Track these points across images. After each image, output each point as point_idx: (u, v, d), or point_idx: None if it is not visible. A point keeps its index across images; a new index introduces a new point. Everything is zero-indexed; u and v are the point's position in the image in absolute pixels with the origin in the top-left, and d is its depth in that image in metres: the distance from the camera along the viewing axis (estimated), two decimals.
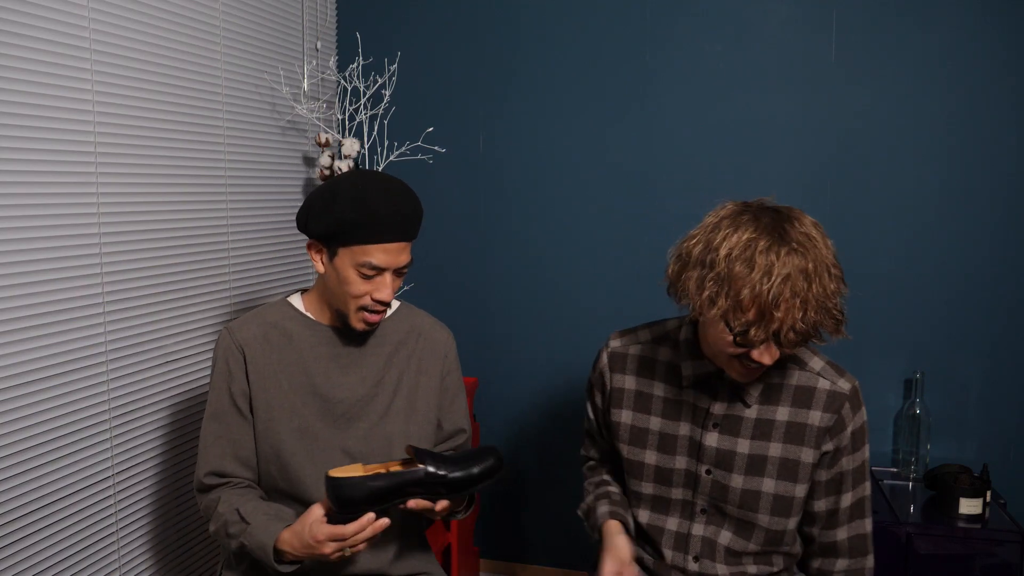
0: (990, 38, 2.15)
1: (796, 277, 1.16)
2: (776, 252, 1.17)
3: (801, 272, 1.16)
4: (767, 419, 1.36)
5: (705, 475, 1.39)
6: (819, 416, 1.34)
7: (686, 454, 1.40)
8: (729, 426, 1.37)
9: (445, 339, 1.57)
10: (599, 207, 2.46)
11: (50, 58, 1.54)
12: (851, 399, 1.35)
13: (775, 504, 1.36)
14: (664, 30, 2.36)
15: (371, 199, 1.34)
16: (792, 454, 1.35)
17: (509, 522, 2.65)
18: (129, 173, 1.75)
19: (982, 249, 2.20)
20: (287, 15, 2.36)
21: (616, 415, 1.47)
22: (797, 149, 2.30)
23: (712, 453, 1.38)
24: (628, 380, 1.46)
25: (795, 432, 1.35)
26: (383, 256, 1.35)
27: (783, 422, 1.35)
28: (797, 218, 1.23)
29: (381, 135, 2.55)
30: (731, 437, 1.37)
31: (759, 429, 1.36)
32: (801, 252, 1.18)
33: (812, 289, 1.17)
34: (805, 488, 1.36)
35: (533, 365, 2.56)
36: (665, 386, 1.43)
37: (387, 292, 1.38)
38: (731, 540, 1.39)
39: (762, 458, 1.36)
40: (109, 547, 1.75)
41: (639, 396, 1.45)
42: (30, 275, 1.52)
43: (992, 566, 1.90)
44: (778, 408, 1.36)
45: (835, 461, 1.36)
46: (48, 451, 1.57)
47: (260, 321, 1.48)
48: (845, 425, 1.35)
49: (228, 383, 1.44)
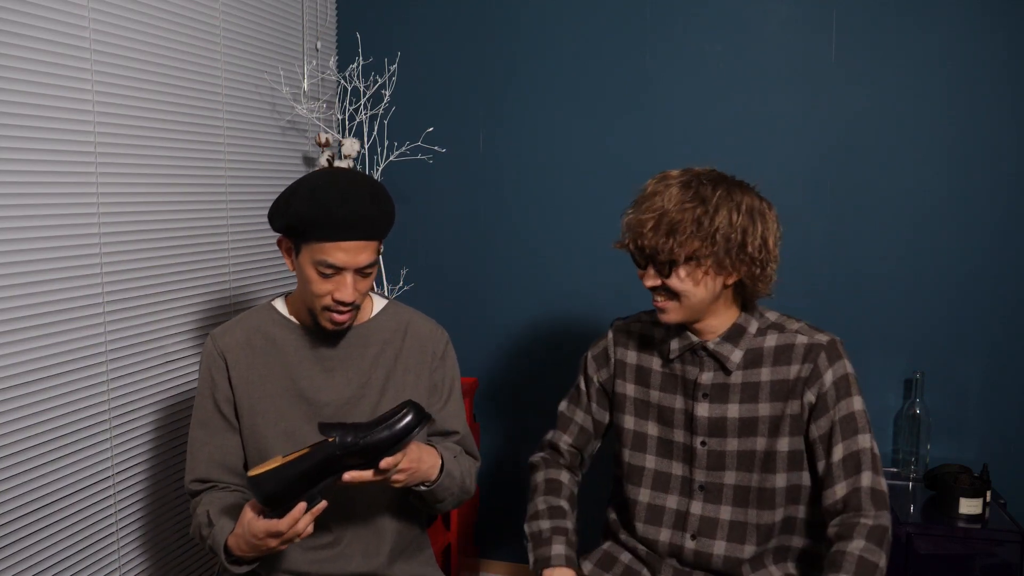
0: (990, 38, 2.15)
1: (658, 199, 1.32)
2: (675, 184, 1.33)
3: (664, 197, 1.32)
4: (752, 382, 1.40)
5: (700, 447, 1.42)
6: (797, 368, 1.38)
7: (683, 427, 1.44)
8: (717, 394, 1.42)
9: (433, 336, 1.53)
10: (599, 207, 2.46)
11: (50, 58, 1.54)
12: (827, 349, 1.38)
13: (766, 460, 1.39)
14: (664, 30, 2.36)
15: (326, 197, 1.31)
16: (779, 411, 1.38)
17: (509, 522, 2.65)
18: (129, 173, 1.75)
19: (982, 249, 2.20)
20: (287, 15, 2.36)
21: (621, 387, 1.52)
22: (797, 149, 2.30)
23: (704, 423, 1.42)
24: (630, 355, 1.52)
25: (779, 388, 1.39)
26: (340, 255, 1.32)
27: (767, 382, 1.40)
28: (735, 185, 1.35)
29: (381, 135, 2.55)
30: (720, 404, 1.41)
31: (746, 392, 1.40)
32: (684, 189, 1.32)
33: (665, 207, 1.31)
34: (788, 441, 1.38)
35: (533, 365, 2.56)
36: (659, 360, 1.49)
37: (348, 292, 1.35)
38: (732, 513, 1.41)
39: (752, 419, 1.40)
40: (109, 547, 1.75)
41: (639, 370, 1.51)
42: (30, 275, 1.52)
43: (992, 566, 1.90)
44: (761, 370, 1.40)
45: (821, 414, 1.37)
46: (48, 451, 1.57)
47: (243, 327, 1.48)
48: (821, 373, 1.37)
49: (212, 391, 1.44)
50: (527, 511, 1.52)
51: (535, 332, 2.55)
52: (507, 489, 2.63)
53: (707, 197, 1.31)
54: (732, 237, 1.30)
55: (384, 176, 2.56)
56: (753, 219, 1.32)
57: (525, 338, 2.56)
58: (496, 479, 2.63)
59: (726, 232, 1.30)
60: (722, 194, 1.31)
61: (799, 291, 2.29)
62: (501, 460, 2.62)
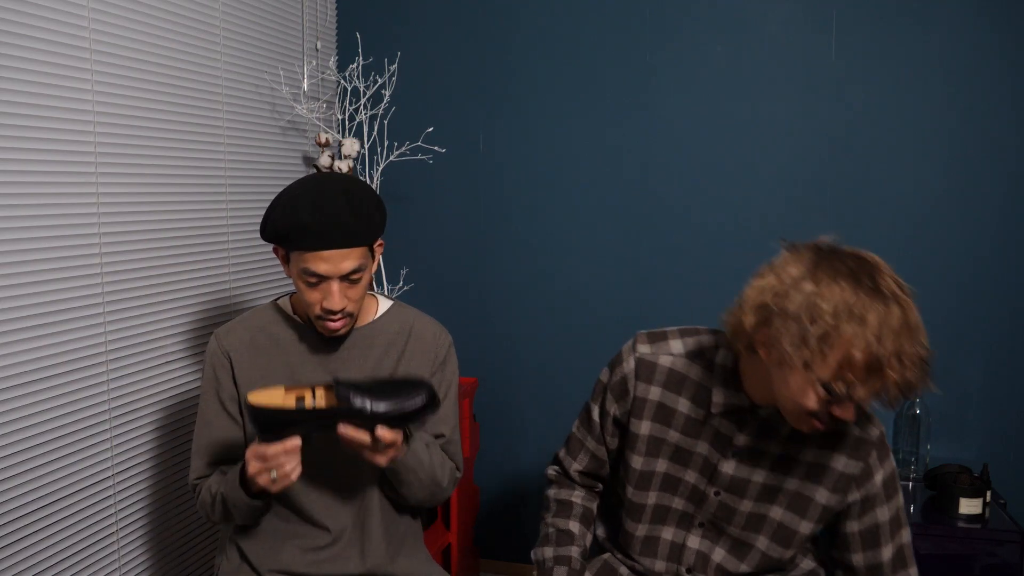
0: (990, 38, 2.15)
1: (903, 332, 1.09)
2: (882, 306, 1.10)
3: (905, 326, 1.10)
4: (791, 456, 1.31)
5: (713, 496, 1.35)
6: (844, 461, 1.30)
7: (698, 471, 1.35)
8: (750, 457, 1.32)
9: (436, 337, 1.52)
10: (599, 206, 2.46)
11: (50, 58, 1.54)
12: (879, 447, 1.30)
13: (777, 532, 1.33)
14: (664, 30, 2.36)
15: (301, 207, 1.31)
16: (807, 491, 1.31)
17: (509, 522, 2.65)
18: (129, 173, 1.75)
19: (982, 249, 2.20)
20: (287, 15, 2.36)
21: (636, 426, 1.38)
22: (797, 148, 2.30)
23: (726, 480, 1.33)
24: (653, 391, 1.37)
25: (816, 472, 1.31)
26: (321, 264, 1.32)
27: (806, 461, 1.31)
28: (882, 266, 1.18)
29: (381, 135, 2.55)
30: (749, 467, 1.32)
31: (780, 464, 1.32)
32: (901, 304, 1.12)
33: (915, 346, 1.10)
34: (811, 527, 1.33)
35: (533, 365, 2.56)
36: (691, 405, 1.35)
37: (335, 300, 1.34)
38: (724, 558, 1.37)
39: (776, 488, 1.32)
40: (109, 547, 1.75)
41: (661, 408, 1.36)
42: (30, 275, 1.52)
43: (992, 566, 1.90)
44: (804, 448, 1.31)
45: (866, 511, 1.31)
46: (48, 451, 1.57)
47: (247, 326, 1.48)
48: (872, 473, 1.30)
49: (216, 390, 1.45)
50: (540, 531, 1.47)
51: (535, 332, 2.55)
52: (507, 489, 2.63)
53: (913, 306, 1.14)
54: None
55: (384, 176, 2.56)
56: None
57: (525, 338, 2.56)
58: (496, 479, 2.63)
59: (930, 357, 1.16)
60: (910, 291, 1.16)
61: None
62: (501, 460, 2.62)
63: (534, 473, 2.61)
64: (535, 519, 2.63)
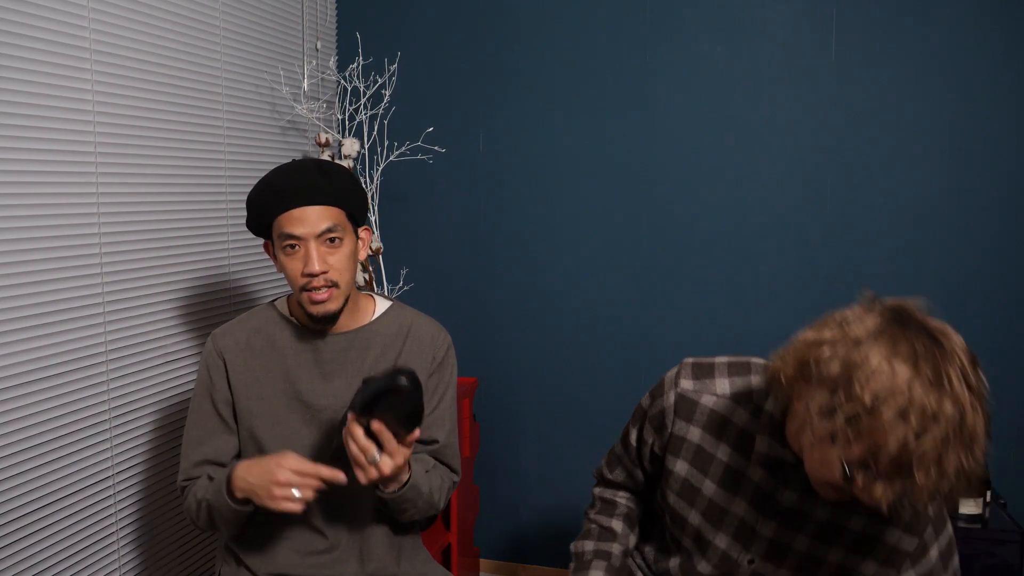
0: (990, 38, 2.15)
1: (952, 439, 0.94)
2: (936, 403, 0.94)
3: (956, 432, 0.94)
4: (838, 524, 1.17)
5: (747, 564, 1.22)
6: (898, 536, 1.16)
7: (731, 535, 1.22)
8: (792, 520, 1.18)
9: (435, 338, 1.50)
10: (599, 207, 2.46)
11: (50, 58, 1.54)
12: (935, 521, 1.17)
13: None
14: (664, 30, 2.36)
15: (271, 176, 1.38)
16: (853, 564, 1.17)
17: (509, 522, 2.65)
18: (129, 173, 1.75)
19: (982, 249, 2.20)
20: (287, 15, 2.36)
21: (671, 463, 1.27)
22: (797, 149, 2.30)
23: (764, 544, 1.20)
24: (693, 432, 1.24)
25: (865, 543, 1.17)
26: (295, 225, 1.35)
27: (855, 531, 1.17)
28: (949, 352, 0.99)
29: (381, 135, 2.55)
30: (791, 532, 1.19)
31: (825, 532, 1.18)
32: (960, 406, 0.95)
33: (963, 458, 0.95)
34: None
35: (533, 365, 2.56)
36: (732, 452, 1.21)
37: (313, 263, 1.34)
38: None
39: (818, 561, 1.19)
40: (109, 547, 1.75)
41: (700, 452, 1.24)
42: (30, 275, 1.52)
43: (992, 566, 1.90)
44: (852, 515, 1.16)
45: None
46: (48, 451, 1.57)
47: (244, 327, 1.48)
48: (928, 548, 1.16)
49: (210, 391, 1.44)
50: (580, 526, 1.41)
51: (535, 332, 2.55)
52: (507, 489, 2.63)
53: (982, 405, 1.00)
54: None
55: (384, 176, 2.56)
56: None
57: (525, 338, 2.56)
58: (496, 479, 2.63)
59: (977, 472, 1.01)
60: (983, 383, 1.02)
61: (799, 291, 2.29)
62: (501, 460, 2.62)
63: (534, 473, 2.61)
64: (535, 519, 2.63)
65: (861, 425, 0.95)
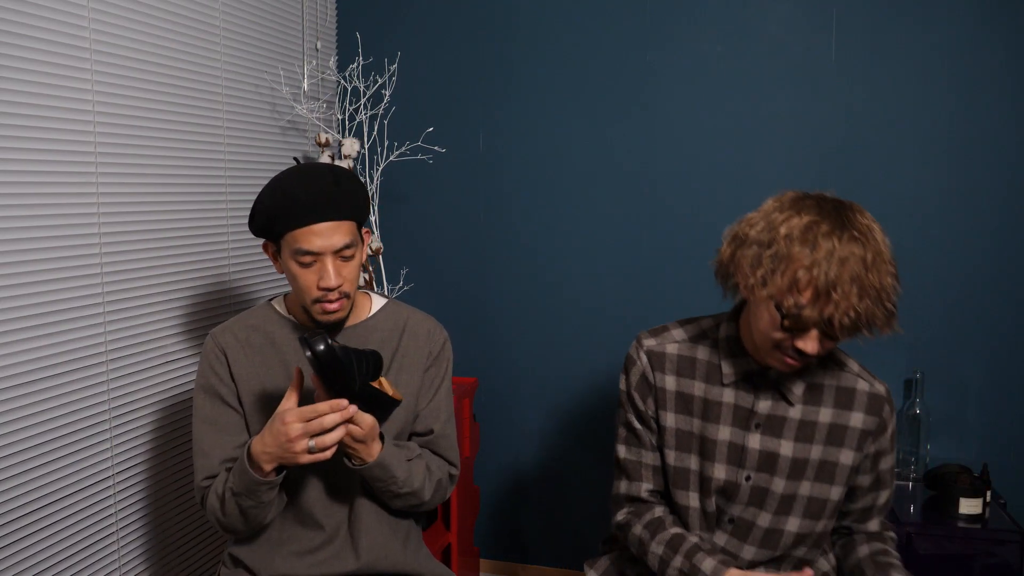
0: (990, 38, 2.15)
1: (855, 263, 1.15)
2: (838, 237, 1.17)
3: (860, 260, 1.16)
4: (810, 420, 1.34)
5: (745, 482, 1.35)
6: (861, 418, 1.34)
7: (725, 460, 1.35)
8: (772, 427, 1.34)
9: (431, 335, 1.51)
10: (599, 206, 2.46)
11: (50, 58, 1.54)
12: (888, 401, 1.37)
13: (808, 506, 1.35)
14: (664, 30, 2.36)
15: (286, 185, 1.34)
16: (831, 456, 1.34)
17: (509, 522, 2.65)
18: (129, 173, 1.75)
19: (982, 248, 2.20)
20: (287, 15, 2.36)
21: (663, 418, 1.39)
22: (797, 149, 2.30)
23: (755, 457, 1.34)
24: (668, 380, 1.39)
25: (836, 434, 1.34)
26: (313, 240, 1.33)
27: (825, 424, 1.34)
28: (859, 210, 1.24)
29: (381, 135, 2.55)
30: (774, 439, 1.34)
31: (802, 431, 1.34)
32: (862, 241, 1.17)
33: (869, 278, 1.15)
34: (840, 491, 1.36)
35: (533, 365, 2.56)
36: (705, 386, 1.37)
37: (330, 277, 1.34)
38: (755, 553, 1.36)
39: (803, 461, 1.34)
40: (109, 547, 1.75)
41: (679, 397, 1.39)
42: (30, 275, 1.52)
43: (992, 566, 1.90)
44: (821, 409, 1.34)
45: (875, 464, 1.37)
46: (48, 451, 1.57)
47: (242, 325, 1.48)
48: (886, 427, 1.36)
49: (214, 385, 1.44)
50: (652, 565, 1.36)
51: (535, 332, 2.55)
52: (507, 489, 2.63)
53: (882, 250, 1.20)
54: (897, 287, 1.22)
55: (384, 176, 2.56)
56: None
57: (525, 338, 2.56)
58: (496, 479, 2.63)
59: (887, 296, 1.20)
60: (883, 238, 1.22)
61: None
62: (501, 460, 2.62)
63: (534, 473, 2.61)
64: (535, 519, 2.63)
65: (781, 261, 1.17)
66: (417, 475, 1.43)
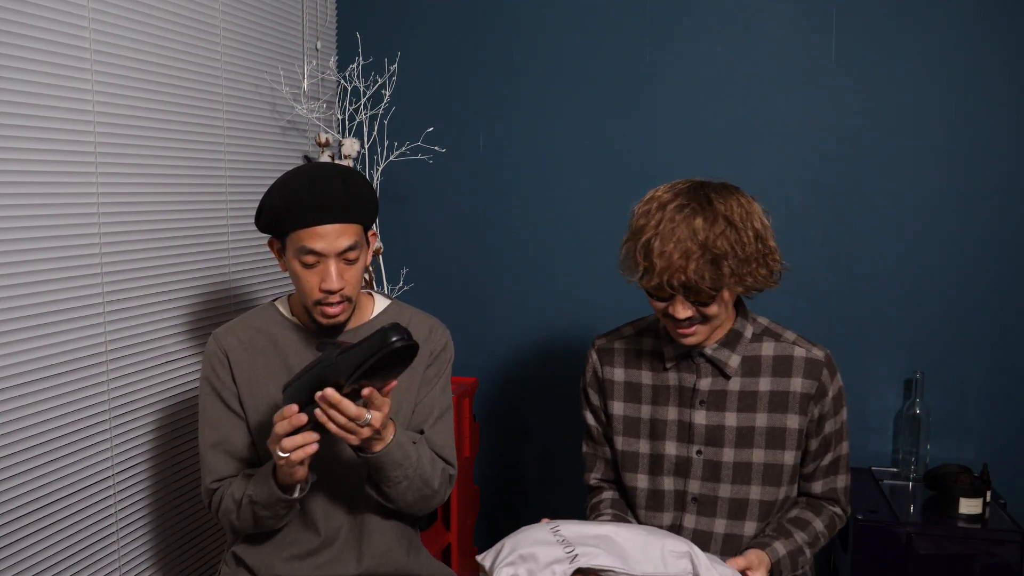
0: (990, 38, 2.15)
1: (681, 229, 1.25)
2: (675, 210, 1.27)
3: (689, 226, 1.25)
4: (750, 391, 1.42)
5: (696, 456, 1.44)
6: (800, 383, 1.41)
7: (675, 438, 1.45)
8: (715, 402, 1.43)
9: (433, 335, 1.52)
10: (599, 207, 2.46)
11: (50, 58, 1.54)
12: (827, 365, 1.43)
13: (766, 473, 1.42)
14: (664, 30, 2.36)
15: (293, 184, 1.34)
16: (778, 422, 1.42)
17: (509, 522, 2.65)
18: (129, 173, 1.75)
19: (982, 249, 2.20)
20: (287, 15, 2.36)
21: (610, 407, 1.52)
22: (797, 149, 2.30)
23: (702, 432, 1.43)
24: (617, 372, 1.52)
25: (778, 400, 1.42)
26: (318, 241, 1.33)
27: (766, 392, 1.42)
28: (722, 188, 1.32)
29: (381, 135, 2.55)
30: (718, 412, 1.43)
31: (744, 401, 1.42)
32: (703, 213, 1.27)
33: (697, 239, 1.24)
34: (794, 455, 1.43)
35: (533, 365, 2.56)
36: (651, 373, 1.48)
37: (333, 280, 1.34)
38: (727, 526, 1.43)
39: (749, 429, 1.42)
40: (109, 547, 1.75)
41: (628, 387, 1.50)
42: (30, 275, 1.52)
43: (992, 566, 1.90)
44: (759, 379, 1.42)
45: (820, 427, 1.44)
46: (48, 451, 1.57)
47: (245, 326, 1.48)
48: (826, 390, 1.42)
49: (217, 387, 1.44)
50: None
51: (535, 332, 2.55)
52: (507, 489, 2.63)
53: (731, 217, 1.28)
54: (759, 248, 1.30)
55: (384, 176, 2.56)
56: (763, 222, 1.33)
57: (525, 338, 2.56)
58: (496, 479, 2.63)
59: (753, 247, 1.29)
60: (737, 207, 1.30)
61: (799, 291, 2.29)
62: (501, 460, 2.62)
63: (534, 473, 2.61)
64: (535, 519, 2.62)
65: (632, 233, 1.33)
66: (425, 455, 1.42)
